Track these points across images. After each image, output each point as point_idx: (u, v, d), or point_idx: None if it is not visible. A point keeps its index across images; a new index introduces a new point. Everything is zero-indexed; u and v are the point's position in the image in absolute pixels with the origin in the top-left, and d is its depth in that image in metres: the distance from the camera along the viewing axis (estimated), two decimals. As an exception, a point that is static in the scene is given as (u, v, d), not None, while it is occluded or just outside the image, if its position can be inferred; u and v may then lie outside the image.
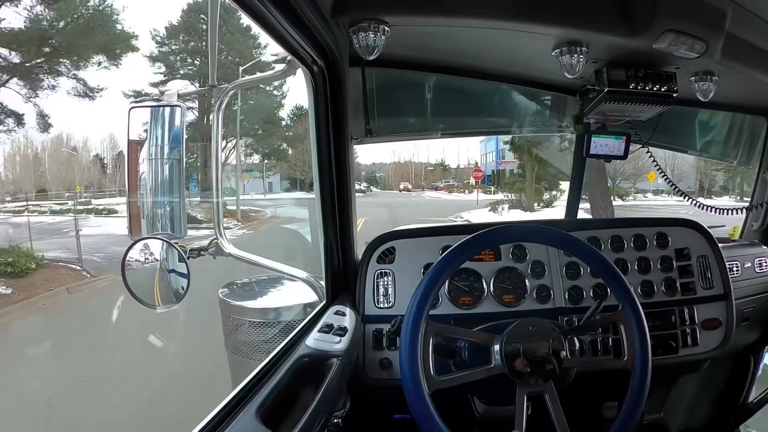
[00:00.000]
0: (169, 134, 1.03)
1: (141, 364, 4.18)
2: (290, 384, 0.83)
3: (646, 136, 1.54)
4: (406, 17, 1.03)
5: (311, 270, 1.30)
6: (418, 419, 0.83)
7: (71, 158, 15.45)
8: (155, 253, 1.08)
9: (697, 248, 1.36)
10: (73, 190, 14.43)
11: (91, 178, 15.92)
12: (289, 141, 18.34)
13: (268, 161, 18.71)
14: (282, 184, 19.73)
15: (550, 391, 0.88)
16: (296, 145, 18.08)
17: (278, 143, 18.37)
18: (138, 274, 1.10)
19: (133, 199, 1.04)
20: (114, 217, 11.36)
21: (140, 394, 3.61)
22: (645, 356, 0.90)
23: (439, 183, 23.84)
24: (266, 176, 19.09)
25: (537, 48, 1.15)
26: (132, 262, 1.08)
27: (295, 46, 0.93)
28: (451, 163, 25.12)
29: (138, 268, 1.10)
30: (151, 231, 1.04)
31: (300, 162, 18.14)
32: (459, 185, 22.88)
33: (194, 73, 14.87)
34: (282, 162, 18.86)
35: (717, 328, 1.31)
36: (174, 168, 1.03)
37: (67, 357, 4.43)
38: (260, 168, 18.63)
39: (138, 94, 14.01)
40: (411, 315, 0.88)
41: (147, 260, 1.08)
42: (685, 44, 1.05)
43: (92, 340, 4.85)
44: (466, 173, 24.54)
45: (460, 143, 27.21)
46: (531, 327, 0.93)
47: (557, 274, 1.28)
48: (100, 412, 3.42)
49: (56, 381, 4.02)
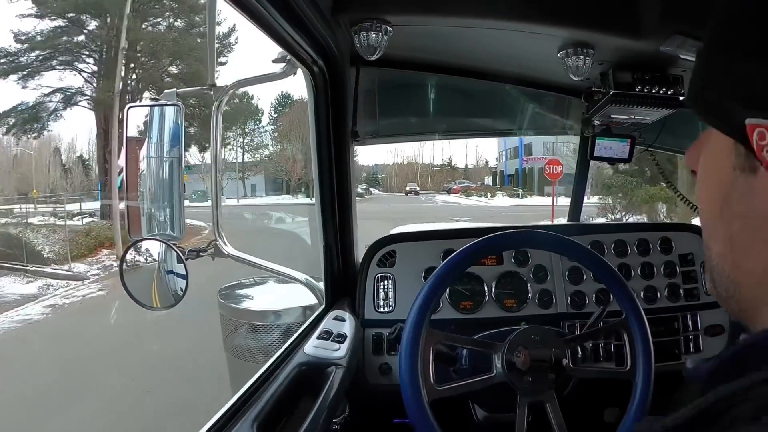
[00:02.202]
0: (167, 134, 1.02)
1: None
2: (288, 393, 0.82)
3: (651, 139, 1.51)
4: (409, 17, 1.00)
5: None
6: (418, 429, 0.82)
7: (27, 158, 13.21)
8: (153, 254, 1.07)
9: (702, 254, 1.34)
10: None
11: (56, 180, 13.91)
12: (277, 135, 16.64)
13: (251, 158, 16.44)
14: (268, 186, 17.32)
15: (551, 400, 0.87)
16: (281, 140, 16.44)
17: (259, 136, 16.48)
18: (136, 275, 1.10)
19: (131, 200, 1.03)
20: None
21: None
22: (648, 367, 0.89)
23: (453, 184, 21.19)
24: (246, 177, 16.73)
25: (542, 49, 1.13)
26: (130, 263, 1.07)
27: (294, 46, 0.91)
28: (459, 162, 23.44)
29: (136, 269, 1.10)
30: (149, 230, 1.03)
31: (285, 160, 16.33)
32: (477, 187, 20.51)
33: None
34: (266, 160, 16.80)
35: (720, 335, 1.29)
36: (173, 167, 1.02)
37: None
38: (235, 167, 15.97)
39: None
40: (411, 323, 0.86)
41: (146, 262, 1.08)
42: (694, 47, 1.03)
43: None
44: (478, 173, 22.63)
45: (467, 140, 24.08)
46: (533, 335, 0.91)
47: (559, 279, 1.27)
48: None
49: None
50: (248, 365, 1.39)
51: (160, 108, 1.01)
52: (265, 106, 17.13)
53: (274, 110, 17.42)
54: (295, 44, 0.91)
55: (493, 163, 23.62)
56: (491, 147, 24.21)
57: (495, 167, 23.40)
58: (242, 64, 14.47)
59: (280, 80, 1.09)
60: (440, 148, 24.28)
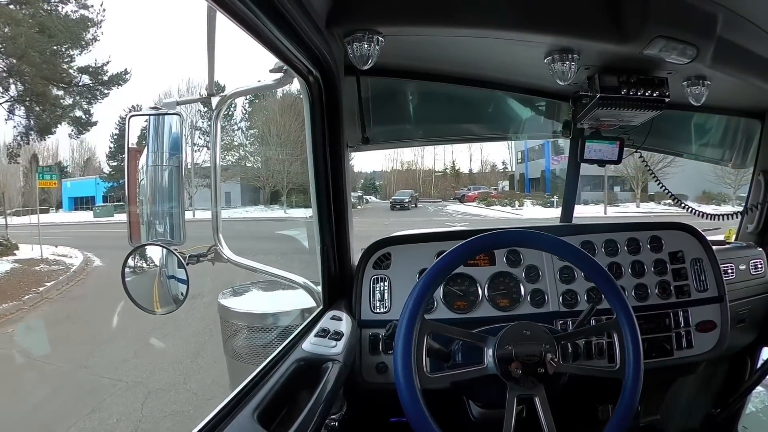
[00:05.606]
0: (168, 142, 1.05)
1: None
2: (287, 386, 0.85)
3: (640, 141, 1.55)
4: (399, 27, 1.05)
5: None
6: (409, 415, 0.84)
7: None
8: (155, 259, 1.09)
9: (691, 251, 1.37)
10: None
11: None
12: (257, 136, 14.77)
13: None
14: (244, 196, 14.68)
15: (540, 395, 0.89)
16: (258, 142, 14.61)
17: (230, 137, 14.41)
18: (138, 280, 1.12)
19: (132, 206, 1.06)
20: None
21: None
22: (637, 366, 0.91)
23: (467, 190, 18.19)
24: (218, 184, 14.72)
25: (529, 55, 1.17)
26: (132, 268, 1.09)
27: (290, 56, 0.95)
28: (462, 166, 21.46)
29: (138, 274, 1.12)
30: (150, 237, 1.05)
31: (263, 165, 14.28)
32: (499, 193, 17.64)
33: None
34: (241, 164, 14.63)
35: (712, 331, 1.32)
36: (173, 175, 1.05)
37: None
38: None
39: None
40: (406, 313, 0.90)
41: (147, 266, 1.10)
42: (676, 50, 1.07)
43: None
44: (487, 177, 20.30)
45: (472, 144, 20.93)
46: (525, 330, 0.94)
47: (552, 279, 1.30)
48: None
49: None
50: (248, 368, 1.40)
51: (160, 117, 1.04)
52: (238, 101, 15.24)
53: (249, 103, 15.67)
54: (291, 55, 0.94)
55: (502, 165, 21.32)
56: (498, 148, 22.78)
57: (508, 170, 20.93)
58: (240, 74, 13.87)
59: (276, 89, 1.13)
60: (441, 151, 22.05)
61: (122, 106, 16.29)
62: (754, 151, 1.71)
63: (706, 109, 1.51)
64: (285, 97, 13.77)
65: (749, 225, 1.72)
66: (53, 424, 3.27)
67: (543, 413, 0.88)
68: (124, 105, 16.83)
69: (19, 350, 4.49)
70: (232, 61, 5.81)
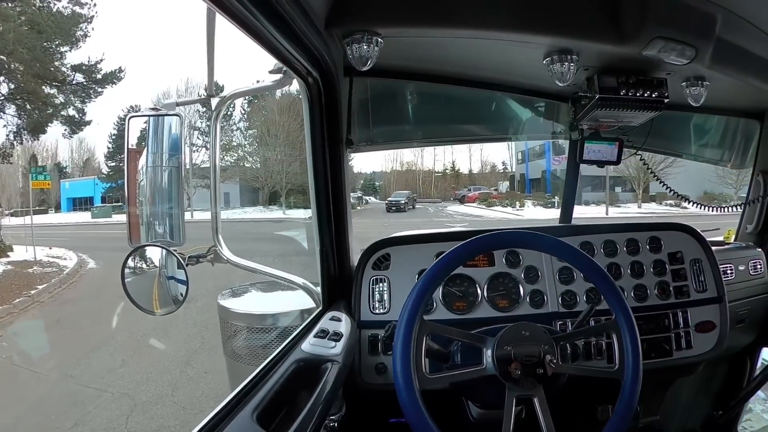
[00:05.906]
0: (167, 143, 1.05)
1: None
2: (286, 387, 0.85)
3: (640, 141, 1.55)
4: (398, 28, 1.05)
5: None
6: (408, 415, 0.84)
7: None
8: (154, 260, 1.09)
9: (691, 252, 1.37)
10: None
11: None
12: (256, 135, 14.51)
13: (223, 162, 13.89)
14: (242, 197, 14.57)
15: (539, 395, 0.90)
16: (257, 142, 14.45)
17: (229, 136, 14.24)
18: (137, 281, 1.12)
19: (132, 207, 1.06)
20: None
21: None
22: (636, 367, 0.91)
23: (467, 191, 18.18)
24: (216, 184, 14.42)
25: (528, 57, 1.17)
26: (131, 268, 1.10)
27: (289, 58, 0.95)
28: (462, 166, 21.43)
29: (138, 275, 1.12)
30: (149, 238, 1.05)
31: (262, 165, 14.09)
32: (499, 194, 17.62)
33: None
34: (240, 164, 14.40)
35: (711, 331, 1.32)
36: (173, 176, 1.05)
37: None
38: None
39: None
40: (405, 314, 0.90)
41: (146, 267, 1.10)
42: (675, 50, 1.07)
43: None
44: (487, 178, 20.26)
45: (471, 145, 20.39)
46: (524, 331, 0.94)
47: (551, 279, 1.30)
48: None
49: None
50: (247, 368, 1.41)
51: (160, 118, 1.04)
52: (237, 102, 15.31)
53: (247, 104, 15.61)
54: (290, 56, 0.94)
55: (502, 165, 21.33)
56: (498, 149, 22.57)
57: (508, 170, 21.00)
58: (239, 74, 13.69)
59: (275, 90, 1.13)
60: (441, 152, 21.95)
61: (122, 107, 16.20)
62: (753, 152, 1.71)
63: (705, 109, 1.51)
64: (284, 97, 13.76)
65: (748, 225, 1.72)
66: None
67: (542, 414, 0.88)
68: (123, 105, 16.78)
69: (4, 357, 4.42)
70: (231, 62, 5.86)
